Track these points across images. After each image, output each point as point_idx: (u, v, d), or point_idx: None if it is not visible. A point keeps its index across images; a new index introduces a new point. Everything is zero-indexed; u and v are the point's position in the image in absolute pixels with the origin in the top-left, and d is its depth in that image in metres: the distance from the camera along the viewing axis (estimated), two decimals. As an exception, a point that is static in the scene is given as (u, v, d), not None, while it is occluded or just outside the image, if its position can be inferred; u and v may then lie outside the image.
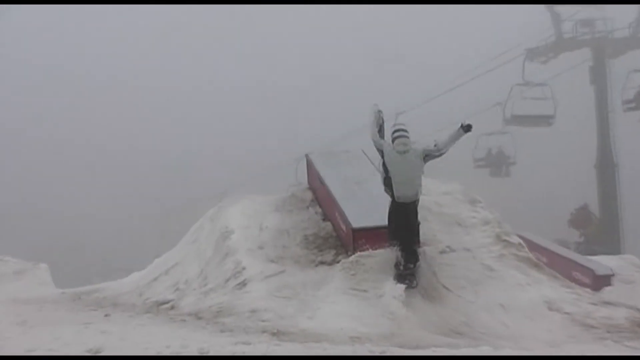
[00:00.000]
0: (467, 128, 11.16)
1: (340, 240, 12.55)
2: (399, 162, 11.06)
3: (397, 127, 11.40)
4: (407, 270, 10.90)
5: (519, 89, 38.00)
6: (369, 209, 12.36)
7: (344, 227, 12.33)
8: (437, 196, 14.13)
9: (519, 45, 39.83)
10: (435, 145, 11.22)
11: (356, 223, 11.95)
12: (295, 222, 13.45)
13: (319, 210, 13.73)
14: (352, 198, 12.83)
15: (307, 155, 15.04)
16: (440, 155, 11.26)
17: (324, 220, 13.37)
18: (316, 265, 12.05)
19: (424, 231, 12.03)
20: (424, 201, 13.12)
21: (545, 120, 38.44)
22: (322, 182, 13.66)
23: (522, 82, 38.18)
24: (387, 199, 11.14)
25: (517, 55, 39.85)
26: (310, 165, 14.76)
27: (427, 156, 11.22)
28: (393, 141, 11.20)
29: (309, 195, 14.34)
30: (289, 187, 16.64)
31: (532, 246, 18.73)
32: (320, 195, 13.93)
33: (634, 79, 37.39)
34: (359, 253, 11.43)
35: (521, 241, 12.96)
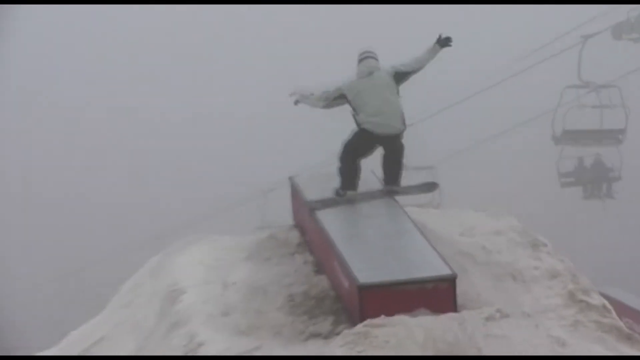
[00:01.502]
0: (444, 42, 12.69)
1: (341, 301, 12.51)
2: (366, 88, 12.53)
3: (363, 52, 12.91)
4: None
5: (574, 92, 37.83)
6: (384, 256, 12.37)
7: (346, 284, 12.26)
8: (484, 237, 14.16)
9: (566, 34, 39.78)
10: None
11: (365, 277, 11.87)
12: (275, 275, 13.39)
13: (310, 258, 13.69)
14: (358, 240, 12.86)
15: (291, 179, 15.01)
16: (414, 72, 12.81)
17: (316, 273, 13.32)
18: (306, 339, 12.00)
19: (464, 288, 12.02)
20: (464, 245, 13.13)
21: (612, 136, 38.21)
22: (314, 218, 13.63)
23: (578, 82, 37.96)
24: (409, 239, 11.20)
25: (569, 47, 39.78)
26: (296, 193, 14.73)
27: (398, 74, 12.67)
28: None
29: (294, 236, 14.32)
30: (255, 230, 16.67)
31: (623, 309, 18.74)
32: (311, 237, 13.90)
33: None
34: (368, 321, 11.35)
35: (606, 302, 12.92)
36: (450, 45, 13.01)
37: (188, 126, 77.71)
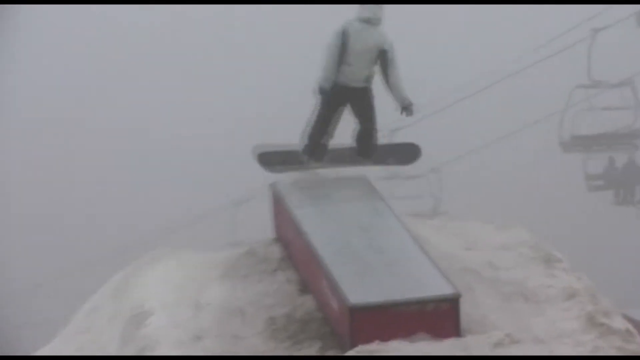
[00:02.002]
0: (407, 111, 14.19)
1: (330, 324, 12.49)
2: (360, 32, 13.92)
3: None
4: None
5: (584, 93, 37.91)
6: (377, 273, 12.40)
7: (335, 305, 12.27)
8: (491, 252, 14.20)
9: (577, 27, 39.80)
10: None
11: (356, 298, 11.89)
12: (254, 295, 13.39)
13: (294, 276, 13.68)
14: (350, 255, 12.84)
15: (272, 186, 14.99)
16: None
17: (301, 292, 13.32)
18: (290, 368, 11.94)
19: (468, 310, 12.03)
20: (469, 260, 13.14)
21: (626, 141, 38.45)
22: (298, 230, 13.62)
23: (587, 82, 38.04)
24: (407, 254, 11.21)
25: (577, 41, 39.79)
26: (278, 202, 14.73)
27: (382, 59, 14.11)
28: None
29: (276, 251, 14.31)
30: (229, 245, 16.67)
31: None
32: (295, 251, 13.90)
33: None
34: (360, 347, 11.39)
35: (630, 326, 12.95)
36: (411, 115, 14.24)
37: (162, 129, 79.61)
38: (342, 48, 13.99)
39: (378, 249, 12.84)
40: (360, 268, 12.54)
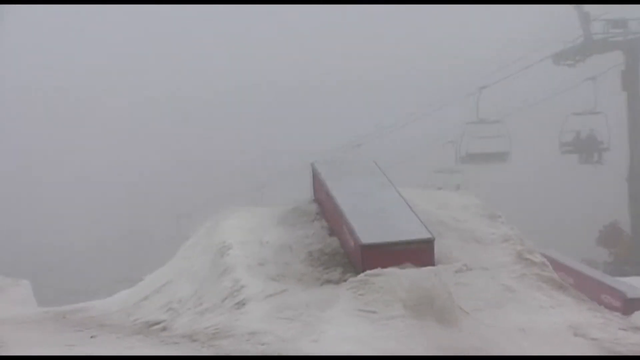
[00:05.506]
0: None
1: (348, 257, 12.57)
2: None
3: None
4: None
5: (473, 127, 39.28)
6: (380, 224, 12.42)
7: (352, 243, 12.37)
8: (454, 210, 14.19)
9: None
10: None
11: (365, 239, 11.99)
12: (298, 237, 13.47)
13: (325, 224, 13.74)
14: (362, 212, 12.84)
15: (312, 164, 15.07)
16: None
17: (330, 235, 13.38)
18: (321, 284, 12.06)
19: (439, 248, 12.09)
20: (439, 215, 13.18)
21: (501, 157, 40.38)
22: (328, 194, 13.69)
23: (476, 119, 39.54)
24: (400, 211, 11.18)
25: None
26: (315, 175, 14.79)
27: None
28: None
29: (314, 208, 14.36)
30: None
31: (557, 266, 18.69)
32: (326, 208, 13.95)
33: (573, 121, 39.20)
34: (368, 271, 11.46)
35: (545, 260, 12.99)
36: None
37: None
38: None
39: (380, 207, 12.88)
40: (368, 219, 12.60)
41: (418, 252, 11.90)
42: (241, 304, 11.61)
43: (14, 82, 66.40)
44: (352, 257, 12.37)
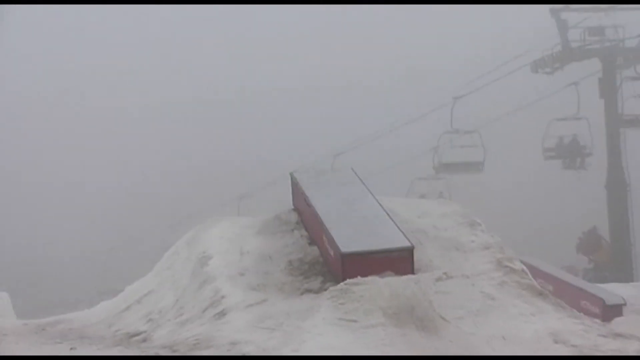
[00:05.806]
0: None
1: (328, 266, 12.54)
2: None
3: None
4: None
5: (448, 136, 39.52)
6: (360, 232, 12.40)
7: (332, 252, 12.34)
8: (435, 218, 14.19)
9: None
10: None
11: (345, 248, 11.96)
12: (279, 246, 13.45)
13: (305, 233, 13.71)
14: (342, 220, 12.84)
15: (291, 174, 15.05)
16: None
17: (310, 244, 13.36)
18: (302, 294, 12.03)
19: (419, 257, 12.09)
20: (420, 224, 13.18)
21: (475, 167, 40.22)
22: (308, 203, 13.67)
23: (451, 129, 39.61)
24: (380, 220, 11.17)
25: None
26: (295, 185, 14.76)
27: None
28: None
29: (294, 217, 14.33)
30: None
31: (537, 273, 18.82)
32: (306, 217, 13.93)
33: (556, 127, 38.92)
34: (348, 280, 11.42)
35: (524, 267, 13.02)
36: None
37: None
38: None
39: (360, 216, 12.87)
40: (348, 228, 12.59)
41: (398, 261, 11.88)
42: (222, 314, 11.60)
43: (14, 82, 66.31)
44: (332, 266, 12.34)
